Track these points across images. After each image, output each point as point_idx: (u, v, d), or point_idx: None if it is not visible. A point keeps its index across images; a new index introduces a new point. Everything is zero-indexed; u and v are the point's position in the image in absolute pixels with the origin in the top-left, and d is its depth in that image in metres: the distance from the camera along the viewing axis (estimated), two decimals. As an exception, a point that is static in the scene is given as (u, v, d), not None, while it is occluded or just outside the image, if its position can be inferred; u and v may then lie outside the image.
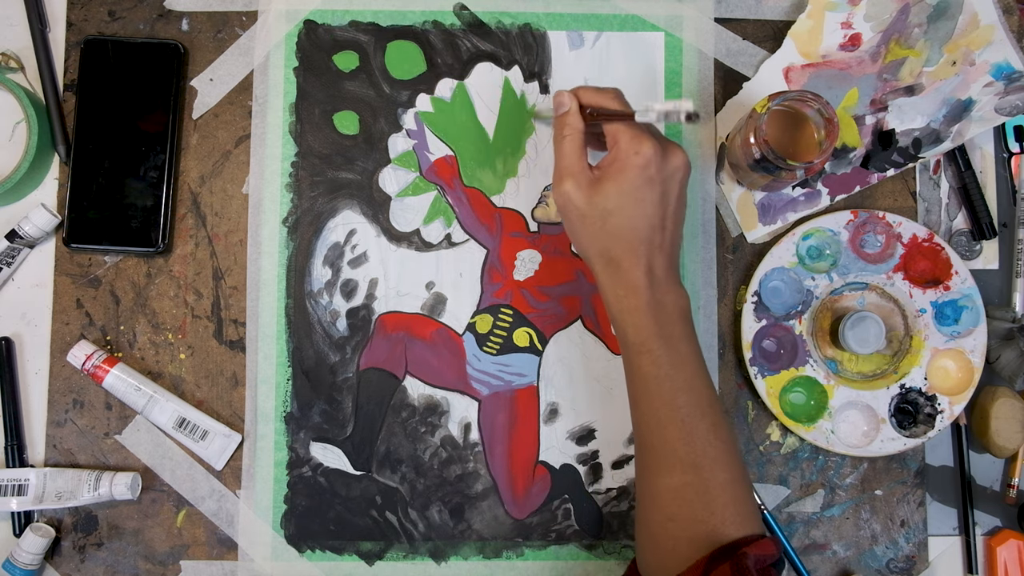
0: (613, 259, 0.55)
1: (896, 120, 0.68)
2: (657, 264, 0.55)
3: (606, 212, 0.54)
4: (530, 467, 0.67)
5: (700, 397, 0.55)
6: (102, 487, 0.63)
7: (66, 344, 0.67)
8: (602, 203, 0.55)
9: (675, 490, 0.54)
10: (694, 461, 0.54)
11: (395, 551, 0.66)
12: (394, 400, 0.67)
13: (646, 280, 0.55)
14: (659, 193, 0.55)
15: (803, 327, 0.67)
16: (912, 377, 0.66)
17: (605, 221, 0.55)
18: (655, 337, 0.55)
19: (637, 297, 0.55)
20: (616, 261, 0.55)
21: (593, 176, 0.55)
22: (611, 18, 0.70)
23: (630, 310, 0.55)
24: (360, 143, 0.69)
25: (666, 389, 0.55)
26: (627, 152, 0.54)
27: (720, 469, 0.54)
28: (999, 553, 0.67)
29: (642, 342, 0.55)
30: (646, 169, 0.54)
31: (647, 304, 0.55)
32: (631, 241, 0.55)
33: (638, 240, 0.55)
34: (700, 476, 0.54)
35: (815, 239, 0.67)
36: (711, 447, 0.55)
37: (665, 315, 0.55)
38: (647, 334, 0.55)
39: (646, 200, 0.54)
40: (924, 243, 0.67)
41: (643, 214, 0.54)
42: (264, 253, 0.68)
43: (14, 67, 0.68)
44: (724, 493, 0.54)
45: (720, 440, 0.55)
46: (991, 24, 0.67)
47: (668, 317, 0.55)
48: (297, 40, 0.69)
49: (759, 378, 0.66)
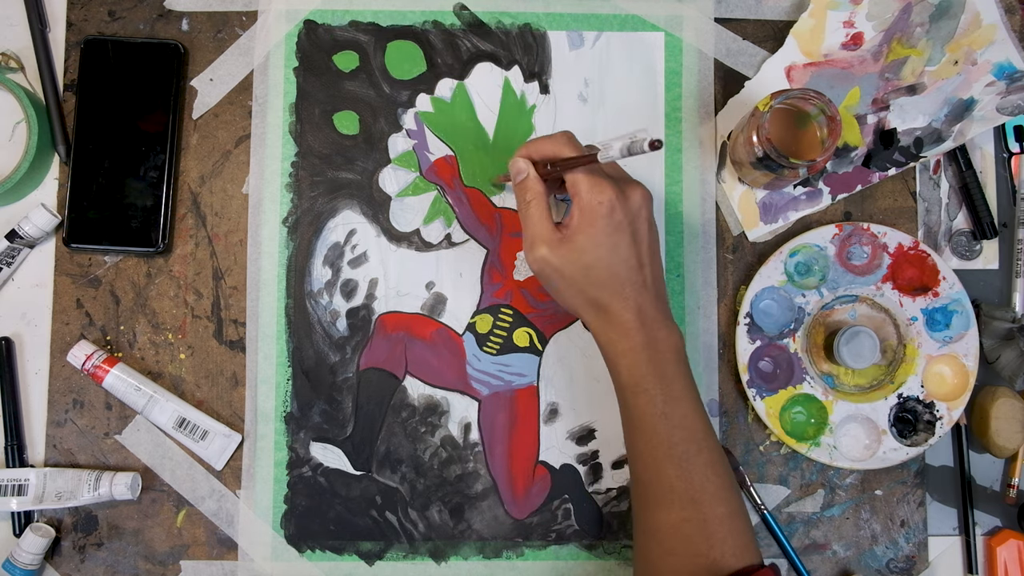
0: (602, 306, 0.56)
1: (898, 119, 0.68)
2: (646, 302, 0.56)
3: (585, 266, 0.55)
4: (530, 467, 0.67)
5: (696, 434, 0.56)
6: (102, 487, 0.64)
7: (66, 344, 0.67)
8: (579, 259, 0.55)
9: (674, 525, 0.55)
10: (692, 496, 0.55)
11: (395, 551, 0.66)
12: (394, 400, 0.67)
13: (637, 321, 0.56)
14: (630, 234, 0.56)
15: (797, 344, 0.67)
16: (909, 386, 0.66)
17: (586, 274, 0.56)
18: (650, 376, 0.56)
19: (630, 339, 0.56)
20: (605, 307, 0.56)
21: (563, 235, 0.56)
22: (611, 18, 0.69)
23: (624, 352, 0.56)
24: (360, 143, 0.69)
25: (662, 427, 0.56)
26: (590, 203, 0.55)
27: (718, 503, 0.55)
28: (999, 553, 0.67)
29: (637, 382, 0.56)
30: (612, 215, 0.55)
31: (640, 344, 0.56)
32: (615, 286, 0.56)
33: (621, 283, 0.56)
34: (699, 511, 0.55)
35: (802, 255, 0.67)
36: (709, 482, 0.55)
37: (659, 354, 0.56)
38: (642, 374, 0.56)
39: (620, 244, 0.55)
40: (910, 251, 0.67)
41: (620, 258, 0.56)
42: (264, 253, 0.68)
43: (14, 67, 0.68)
44: (723, 527, 0.55)
45: (717, 475, 0.56)
46: (993, 23, 0.66)
47: (662, 356, 0.56)
48: (297, 40, 0.69)
49: (758, 399, 0.66)
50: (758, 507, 0.66)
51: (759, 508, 0.66)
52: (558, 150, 0.57)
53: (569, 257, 0.56)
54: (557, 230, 0.56)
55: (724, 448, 0.67)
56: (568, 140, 0.57)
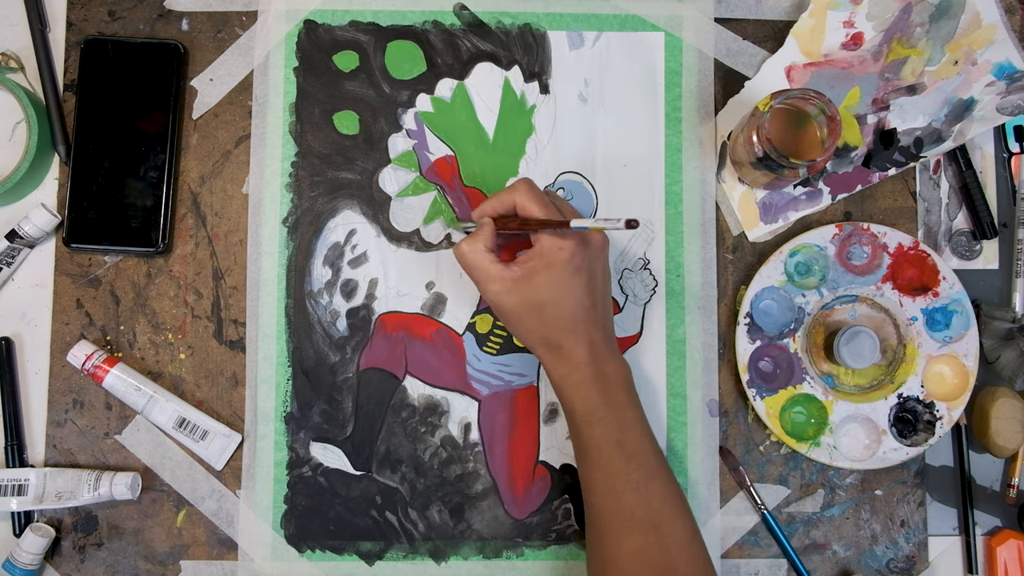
0: (554, 343, 0.58)
1: (898, 119, 0.68)
2: (596, 338, 0.58)
3: (540, 304, 0.57)
4: (530, 467, 0.67)
5: (651, 459, 0.58)
6: (102, 487, 0.64)
7: (66, 344, 0.67)
8: (534, 297, 0.57)
9: (637, 551, 0.56)
10: (653, 522, 0.56)
11: (395, 551, 0.66)
12: (394, 400, 0.67)
13: (588, 355, 0.58)
14: (586, 278, 0.58)
15: (797, 344, 0.67)
16: (909, 386, 0.66)
17: (540, 313, 0.57)
18: (603, 406, 0.58)
19: (581, 372, 0.58)
20: (557, 345, 0.58)
21: (516, 274, 0.57)
22: (611, 18, 0.69)
23: (576, 384, 0.58)
24: (360, 143, 0.69)
25: (618, 455, 0.57)
26: (551, 249, 0.56)
27: (679, 527, 0.57)
28: (999, 553, 0.67)
29: (590, 412, 0.58)
30: (572, 261, 0.57)
31: (591, 377, 0.58)
32: (568, 325, 0.57)
33: (575, 322, 0.57)
34: (660, 536, 0.56)
35: (802, 255, 0.67)
36: (667, 506, 0.57)
37: (609, 385, 0.58)
38: (594, 404, 0.58)
39: (575, 288, 0.57)
40: (910, 251, 0.67)
41: (575, 300, 0.57)
42: (264, 253, 0.68)
43: (14, 67, 0.68)
44: (685, 551, 0.56)
45: (673, 499, 0.58)
46: (993, 23, 0.66)
47: (612, 387, 0.58)
48: (297, 40, 0.69)
49: (758, 399, 0.66)
50: (758, 507, 0.66)
51: (759, 508, 0.66)
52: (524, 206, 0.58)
53: (524, 296, 0.57)
54: (507, 268, 0.57)
55: (724, 448, 0.67)
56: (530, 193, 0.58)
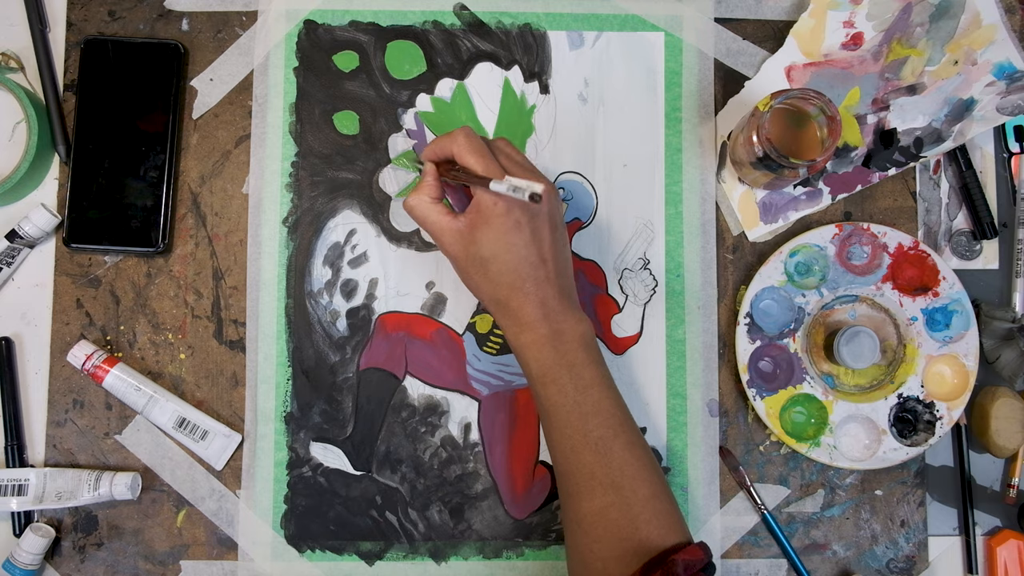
0: (502, 302, 0.57)
1: (898, 119, 0.68)
2: (549, 296, 0.57)
3: (484, 259, 0.56)
4: (530, 467, 0.67)
5: (611, 419, 0.57)
6: (102, 487, 0.64)
7: (66, 344, 0.67)
8: (477, 252, 0.56)
9: (598, 512, 0.55)
10: (613, 481, 0.55)
11: (395, 551, 0.66)
12: (394, 400, 0.67)
13: (539, 313, 0.56)
14: (528, 233, 0.56)
15: (797, 344, 0.67)
16: (909, 386, 0.66)
17: (485, 269, 0.56)
18: (557, 366, 0.56)
19: (533, 331, 0.57)
20: (505, 303, 0.57)
21: (460, 225, 0.56)
22: (611, 18, 0.69)
23: (528, 344, 0.57)
24: (360, 143, 0.69)
25: (575, 416, 0.56)
26: (487, 203, 0.55)
27: (640, 485, 0.56)
28: (999, 553, 0.67)
29: (544, 372, 0.57)
30: (509, 215, 0.55)
31: (544, 336, 0.56)
32: (514, 283, 0.56)
33: (521, 280, 0.56)
34: (621, 495, 0.55)
35: (802, 255, 0.67)
36: (628, 466, 0.56)
37: (564, 344, 0.57)
38: (548, 364, 0.57)
39: (517, 243, 0.55)
40: (910, 251, 0.67)
41: (518, 256, 0.56)
42: (264, 253, 0.68)
43: (14, 67, 0.68)
44: (647, 508, 0.55)
45: (636, 458, 0.56)
46: (993, 23, 0.66)
47: (568, 346, 0.57)
48: (297, 40, 0.69)
49: (758, 399, 0.66)
50: (758, 507, 0.66)
51: (759, 508, 0.66)
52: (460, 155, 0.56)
53: (469, 250, 0.56)
54: (456, 219, 0.56)
55: (724, 448, 0.67)
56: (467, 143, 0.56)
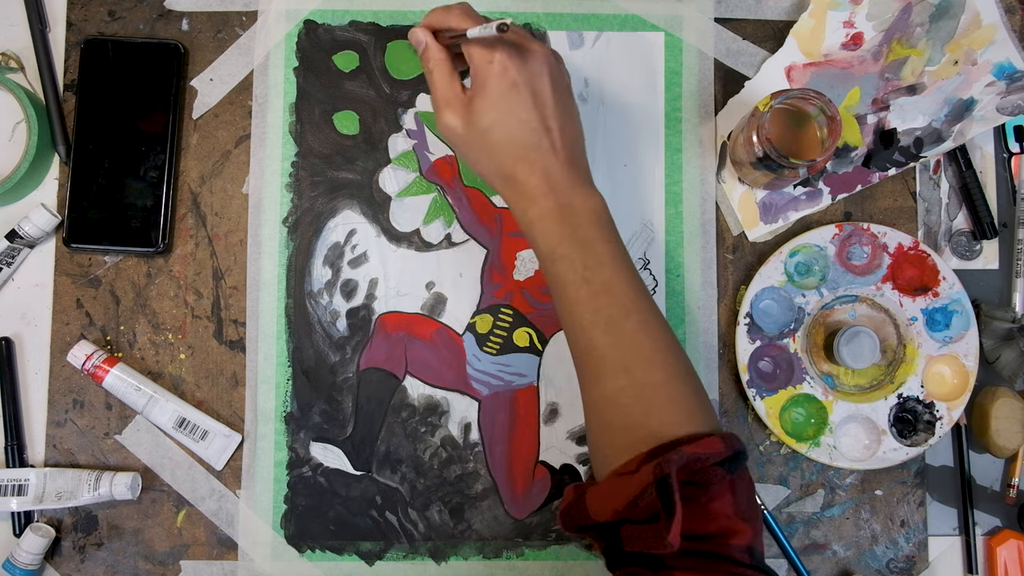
0: (507, 174, 0.54)
1: (898, 119, 0.68)
2: (553, 168, 0.54)
3: (484, 130, 0.54)
4: (530, 467, 0.67)
5: (623, 297, 0.53)
6: (102, 487, 0.64)
7: (66, 344, 0.67)
8: (478, 122, 0.54)
9: (610, 397, 0.52)
10: (624, 364, 0.52)
11: (395, 551, 0.66)
12: (394, 400, 0.67)
13: (545, 186, 0.54)
14: (528, 95, 0.53)
15: (797, 345, 0.67)
16: (909, 386, 0.66)
17: (486, 139, 0.54)
18: (567, 241, 0.53)
19: (539, 205, 0.54)
20: (510, 175, 0.54)
21: (466, 97, 0.54)
22: (611, 18, 0.69)
23: (536, 219, 0.54)
24: (360, 143, 0.69)
25: (585, 294, 0.53)
26: (481, 64, 0.53)
27: (653, 369, 0.52)
28: (999, 553, 0.67)
29: (553, 248, 0.54)
30: (505, 75, 0.53)
31: (552, 210, 0.54)
32: (517, 151, 0.54)
33: (524, 148, 0.54)
34: (632, 379, 0.51)
35: (802, 255, 0.67)
36: (641, 347, 0.52)
37: (575, 218, 0.54)
38: (558, 239, 0.53)
39: (517, 107, 0.53)
40: (910, 251, 0.67)
41: (519, 121, 0.53)
42: (264, 253, 0.68)
43: (14, 67, 0.68)
44: (659, 394, 0.51)
45: (650, 339, 0.52)
46: (993, 23, 0.66)
47: (579, 220, 0.54)
48: (297, 40, 0.69)
49: (758, 399, 0.66)
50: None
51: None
52: (456, 22, 0.55)
53: (470, 121, 0.54)
54: (462, 93, 0.55)
55: None
56: (465, 12, 0.55)
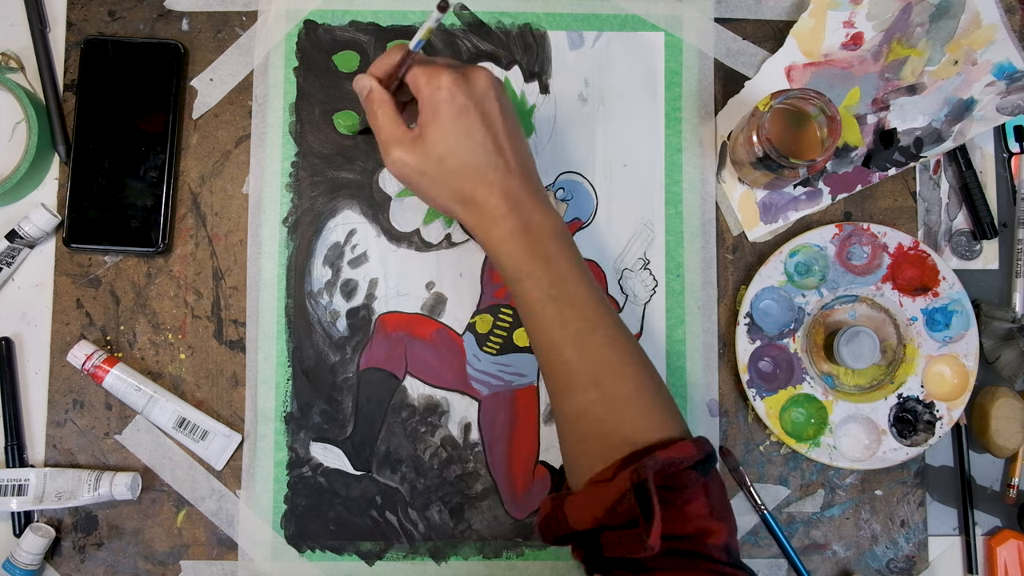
0: (467, 196, 0.55)
1: (898, 119, 0.68)
2: (512, 187, 0.55)
3: (440, 158, 0.54)
4: (530, 467, 0.67)
5: (589, 312, 0.55)
6: (102, 487, 0.64)
7: (66, 344, 0.67)
8: (433, 151, 0.54)
9: (581, 410, 0.54)
10: (594, 377, 0.53)
11: (395, 551, 0.66)
12: (394, 400, 0.67)
13: (506, 206, 0.55)
14: (478, 117, 0.54)
15: (797, 344, 0.67)
16: (909, 386, 0.66)
17: (443, 166, 0.54)
18: (530, 259, 0.55)
19: (502, 225, 0.55)
20: (470, 197, 0.55)
21: (415, 133, 0.55)
22: (611, 18, 0.69)
23: (500, 240, 0.55)
24: (360, 143, 0.69)
25: (551, 310, 0.54)
26: (430, 92, 0.54)
27: (622, 381, 0.53)
28: (999, 553, 0.67)
29: (519, 267, 0.55)
30: (453, 100, 0.54)
31: (515, 229, 0.55)
32: (474, 173, 0.55)
33: (481, 170, 0.54)
34: (603, 392, 0.53)
35: (802, 255, 0.67)
36: (609, 360, 0.54)
37: (535, 236, 0.55)
38: (521, 258, 0.55)
39: (471, 130, 0.54)
40: (910, 251, 0.67)
41: (474, 144, 0.54)
42: (264, 253, 0.68)
43: (14, 67, 0.68)
44: (631, 404, 0.53)
45: (618, 351, 0.54)
46: (993, 23, 0.66)
47: (541, 237, 0.55)
48: (297, 40, 0.69)
49: (758, 399, 0.66)
50: (758, 507, 0.66)
51: (759, 508, 0.66)
52: (396, 55, 0.55)
53: (424, 152, 0.54)
54: (409, 130, 0.55)
55: (724, 448, 0.67)
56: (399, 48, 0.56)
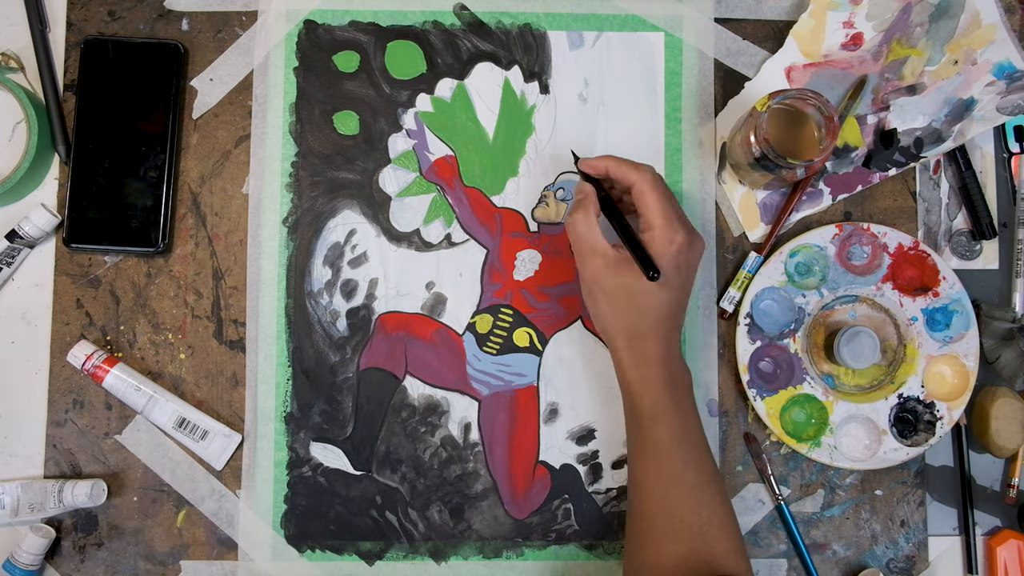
0: (637, 335, 0.58)
1: (898, 119, 0.68)
2: (673, 340, 0.59)
3: (635, 292, 0.57)
4: (530, 467, 0.67)
5: (706, 466, 0.58)
6: (65, 498, 0.63)
7: (66, 344, 0.67)
8: (632, 284, 0.57)
9: (681, 557, 0.55)
10: (701, 528, 0.56)
11: (395, 551, 0.66)
12: (394, 400, 0.67)
13: (664, 354, 0.58)
14: (684, 277, 0.58)
15: (797, 345, 0.67)
16: (909, 386, 0.66)
17: (632, 301, 0.57)
18: (671, 407, 0.57)
19: (655, 370, 0.58)
20: (640, 337, 0.58)
21: (619, 255, 0.57)
22: (611, 18, 0.69)
23: (649, 382, 0.58)
24: (360, 143, 0.69)
25: (677, 457, 0.57)
26: (662, 240, 0.57)
27: (725, 538, 0.56)
28: (999, 553, 0.67)
29: (659, 411, 0.57)
30: (678, 256, 0.57)
31: (665, 376, 0.58)
32: (657, 320, 0.57)
33: (664, 319, 0.57)
34: (706, 543, 0.55)
35: (802, 256, 0.67)
36: (716, 516, 0.56)
37: (677, 387, 0.58)
38: (664, 404, 0.58)
39: (674, 284, 0.57)
40: (910, 251, 0.67)
41: (670, 297, 0.57)
42: (264, 253, 0.68)
43: (14, 67, 0.68)
44: (728, 562, 0.55)
45: (723, 509, 0.57)
46: (993, 23, 0.66)
47: (679, 389, 0.58)
48: (297, 40, 0.69)
49: (758, 399, 0.66)
50: (775, 497, 0.66)
51: (776, 498, 0.66)
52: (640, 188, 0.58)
53: (622, 280, 0.57)
54: (612, 249, 0.58)
55: (748, 434, 0.67)
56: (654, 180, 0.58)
